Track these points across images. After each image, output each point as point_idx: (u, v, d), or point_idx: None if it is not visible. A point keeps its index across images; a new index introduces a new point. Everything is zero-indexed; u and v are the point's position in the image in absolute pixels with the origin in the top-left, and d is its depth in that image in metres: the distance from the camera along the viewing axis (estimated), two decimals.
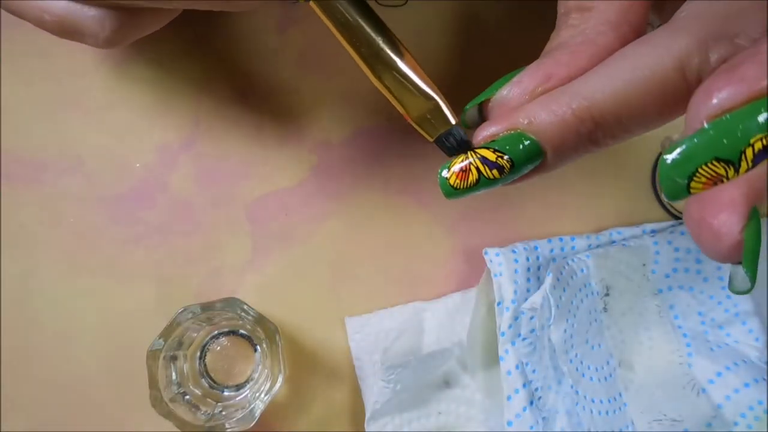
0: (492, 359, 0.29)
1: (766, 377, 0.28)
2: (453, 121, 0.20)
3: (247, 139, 0.30)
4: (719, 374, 0.29)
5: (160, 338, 0.26)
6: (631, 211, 0.31)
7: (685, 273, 0.30)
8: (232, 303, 0.26)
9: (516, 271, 0.28)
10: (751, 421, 0.28)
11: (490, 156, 0.18)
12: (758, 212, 0.16)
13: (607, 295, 0.30)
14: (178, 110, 0.30)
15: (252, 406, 0.27)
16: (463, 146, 0.20)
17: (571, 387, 0.28)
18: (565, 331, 0.28)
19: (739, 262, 0.17)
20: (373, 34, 0.20)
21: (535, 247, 0.29)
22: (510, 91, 0.19)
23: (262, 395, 0.27)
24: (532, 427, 0.27)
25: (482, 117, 0.20)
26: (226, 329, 0.29)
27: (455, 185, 0.19)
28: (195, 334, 0.28)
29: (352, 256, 0.30)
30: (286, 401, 0.29)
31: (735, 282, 0.18)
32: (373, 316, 0.29)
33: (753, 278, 0.17)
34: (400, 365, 0.27)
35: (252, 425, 0.26)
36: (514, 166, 0.18)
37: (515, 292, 0.28)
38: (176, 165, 0.30)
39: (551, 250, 0.29)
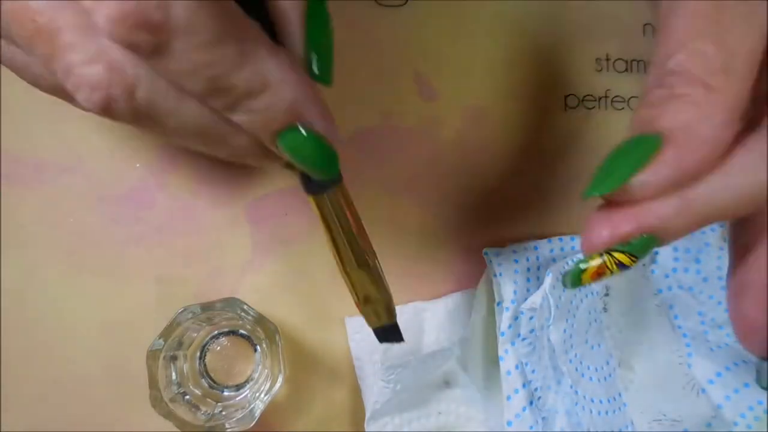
0: (492, 359, 0.29)
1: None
2: (395, 320, 0.23)
3: None
4: (719, 374, 0.29)
5: (160, 338, 0.26)
6: None
7: (685, 273, 0.30)
8: (232, 303, 0.26)
9: (516, 271, 0.28)
10: (750, 421, 0.28)
11: (626, 261, 0.18)
12: None
13: (606, 295, 0.30)
14: None
15: (252, 406, 0.27)
16: (396, 338, 0.24)
17: (571, 387, 0.28)
18: (564, 331, 0.28)
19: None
20: (351, 239, 0.22)
21: (535, 247, 0.29)
22: (646, 182, 0.17)
23: (262, 395, 0.27)
24: (531, 427, 0.27)
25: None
26: (226, 329, 0.29)
27: (585, 281, 0.19)
28: (195, 334, 0.28)
29: None
30: (286, 401, 0.29)
31: (762, 378, 0.20)
32: None
33: None
34: (400, 365, 0.27)
35: (252, 425, 0.26)
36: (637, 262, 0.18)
37: (515, 292, 0.28)
38: (176, 165, 0.30)
39: (551, 250, 0.29)
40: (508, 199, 0.31)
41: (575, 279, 0.19)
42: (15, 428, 0.28)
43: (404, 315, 0.29)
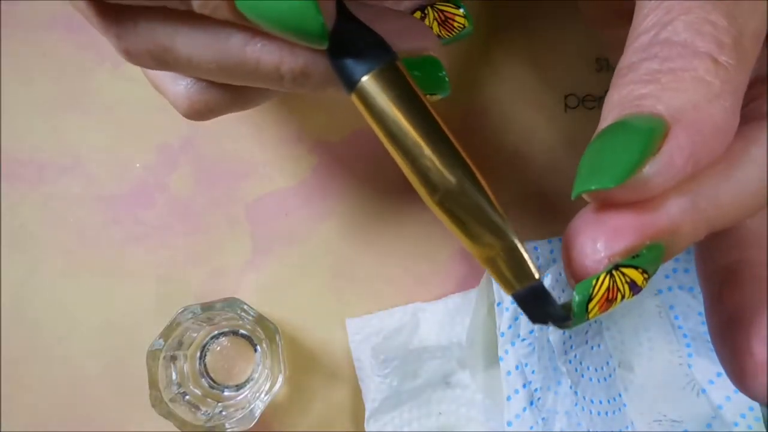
0: (492, 360, 0.29)
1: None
2: (536, 275, 0.15)
3: (246, 139, 0.30)
4: (719, 375, 0.29)
5: (160, 338, 0.26)
6: None
7: (685, 273, 0.30)
8: (232, 303, 0.26)
9: None
10: (751, 421, 0.28)
11: (638, 279, 0.14)
12: None
13: None
14: None
15: (252, 406, 0.27)
16: (550, 313, 0.15)
17: (571, 387, 0.28)
18: (563, 332, 0.28)
19: None
20: (435, 138, 0.15)
21: (535, 248, 0.29)
22: (658, 174, 0.13)
23: (262, 395, 0.27)
24: (531, 428, 0.27)
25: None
26: (226, 329, 0.29)
27: (593, 313, 0.14)
28: (195, 334, 0.28)
29: (352, 256, 0.30)
30: (286, 401, 0.29)
31: None
32: (373, 317, 0.29)
33: None
34: (396, 358, 0.27)
35: (252, 425, 0.26)
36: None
37: None
38: (176, 165, 0.30)
39: (551, 251, 0.29)
40: (508, 200, 0.31)
41: (581, 312, 0.14)
42: (15, 428, 0.28)
43: (404, 316, 0.29)
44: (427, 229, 0.31)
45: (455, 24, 0.18)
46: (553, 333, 0.27)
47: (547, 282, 0.27)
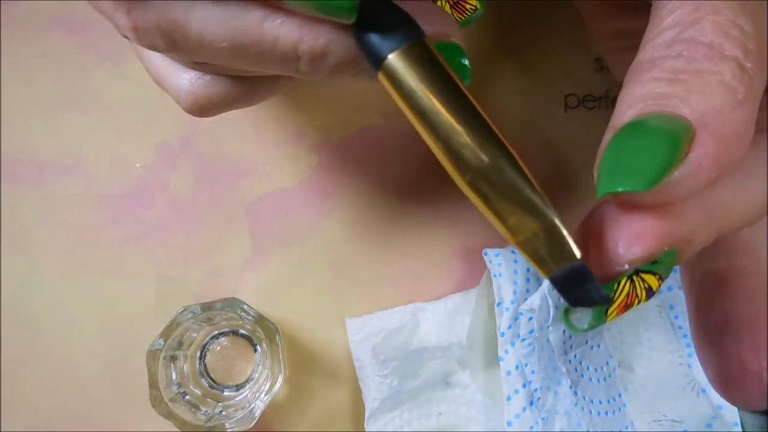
0: (492, 360, 0.29)
1: None
2: (578, 254, 0.14)
3: (246, 139, 0.30)
4: None
5: (160, 338, 0.26)
6: None
7: None
8: (232, 303, 0.27)
9: (516, 271, 0.28)
10: None
11: (654, 284, 0.14)
12: None
13: None
14: (178, 110, 0.30)
15: (252, 406, 0.27)
16: (591, 295, 0.14)
17: (571, 387, 0.28)
18: (564, 331, 0.28)
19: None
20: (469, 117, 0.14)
21: None
22: (686, 179, 0.13)
23: (262, 395, 0.27)
24: (531, 428, 0.27)
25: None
26: (226, 329, 0.29)
27: (611, 317, 0.14)
28: (195, 334, 0.28)
29: (352, 256, 0.30)
30: (286, 401, 0.29)
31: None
32: (373, 317, 0.29)
33: None
34: (396, 358, 0.27)
35: (252, 425, 0.26)
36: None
37: (515, 292, 0.28)
38: (176, 165, 0.30)
39: None
40: None
41: (600, 315, 0.14)
42: (15, 428, 0.28)
43: (404, 316, 0.29)
44: (427, 229, 0.31)
45: (467, 6, 0.18)
46: (553, 333, 0.27)
47: (547, 282, 0.27)
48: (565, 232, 0.14)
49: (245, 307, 0.27)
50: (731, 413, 0.29)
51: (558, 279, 0.14)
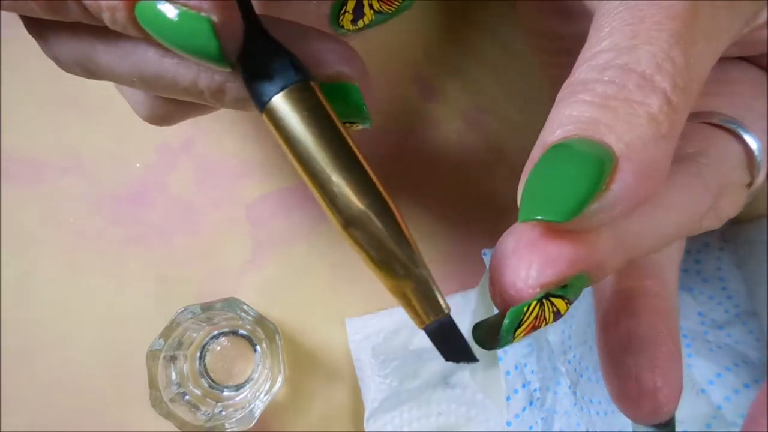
0: (492, 360, 0.29)
1: (766, 378, 0.28)
2: (446, 309, 0.15)
3: (247, 139, 0.30)
4: (719, 375, 0.29)
5: (160, 338, 0.26)
6: None
7: (685, 273, 0.30)
8: (232, 303, 0.27)
9: None
10: None
11: (563, 308, 0.14)
12: None
13: None
14: None
15: (252, 406, 0.27)
16: (458, 349, 0.14)
17: (570, 387, 0.28)
18: (563, 331, 0.28)
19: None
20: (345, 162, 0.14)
21: None
22: (606, 209, 0.13)
23: (262, 395, 0.27)
24: (531, 428, 0.27)
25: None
26: (226, 329, 0.29)
27: (518, 338, 0.15)
28: (195, 334, 0.28)
29: (352, 256, 0.30)
30: (286, 401, 0.29)
31: None
32: (373, 317, 0.29)
33: None
34: (395, 358, 0.27)
35: (252, 425, 0.26)
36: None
37: None
38: (176, 165, 0.30)
39: None
40: (509, 200, 0.31)
41: (507, 336, 0.14)
42: (15, 428, 0.28)
43: (404, 316, 0.29)
44: (427, 229, 0.31)
45: None
46: (552, 333, 0.27)
47: None
48: (433, 287, 0.14)
49: (245, 307, 0.27)
50: (731, 413, 0.29)
51: (429, 332, 0.14)
